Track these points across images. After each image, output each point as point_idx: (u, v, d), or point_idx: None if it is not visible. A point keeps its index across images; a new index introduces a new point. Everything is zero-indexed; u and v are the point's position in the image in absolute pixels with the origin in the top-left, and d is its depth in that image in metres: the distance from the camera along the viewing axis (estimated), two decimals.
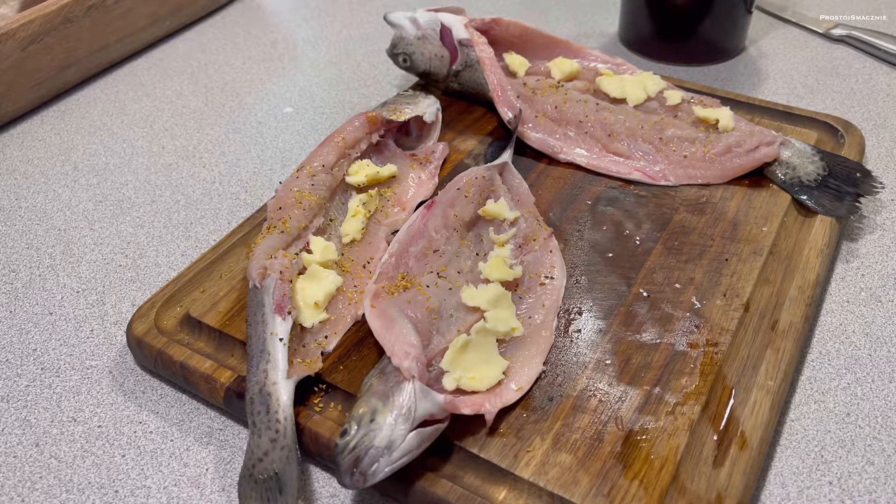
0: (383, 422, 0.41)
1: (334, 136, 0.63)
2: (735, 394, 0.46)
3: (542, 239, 0.56)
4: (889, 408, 0.48)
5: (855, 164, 0.62)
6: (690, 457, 0.43)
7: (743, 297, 0.52)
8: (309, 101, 0.81)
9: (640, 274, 0.55)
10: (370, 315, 0.48)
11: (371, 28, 0.95)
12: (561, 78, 0.71)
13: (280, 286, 0.49)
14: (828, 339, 0.53)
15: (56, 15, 0.78)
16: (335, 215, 0.60)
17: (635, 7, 0.83)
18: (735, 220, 0.59)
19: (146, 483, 0.46)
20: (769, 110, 0.70)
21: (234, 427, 0.49)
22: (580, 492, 0.42)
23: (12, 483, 0.47)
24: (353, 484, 0.40)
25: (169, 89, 0.85)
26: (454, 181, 0.59)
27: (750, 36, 0.86)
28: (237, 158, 0.74)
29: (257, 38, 0.94)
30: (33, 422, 0.50)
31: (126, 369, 0.54)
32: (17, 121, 0.80)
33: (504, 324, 0.49)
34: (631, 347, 0.49)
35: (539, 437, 0.44)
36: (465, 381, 0.45)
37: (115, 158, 0.74)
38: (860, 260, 0.58)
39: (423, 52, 0.73)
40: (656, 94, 0.68)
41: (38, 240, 0.65)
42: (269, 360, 0.46)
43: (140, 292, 0.59)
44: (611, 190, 0.63)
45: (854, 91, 0.78)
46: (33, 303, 0.59)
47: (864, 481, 0.44)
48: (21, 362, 0.54)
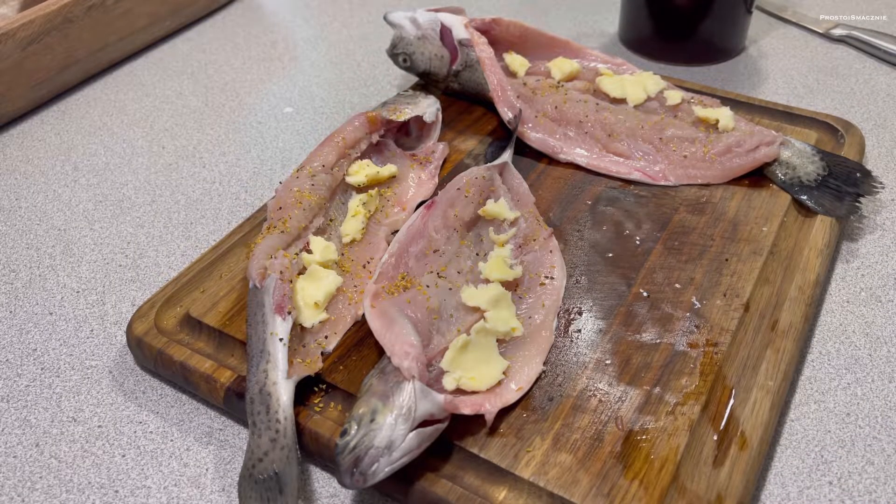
0: (383, 422, 0.41)
1: (334, 136, 0.63)
2: (735, 394, 0.46)
3: (542, 239, 0.56)
4: (889, 408, 0.48)
5: (855, 164, 0.62)
6: (690, 457, 0.43)
7: (743, 297, 0.52)
8: (309, 101, 0.81)
9: (640, 274, 0.55)
10: (370, 315, 0.48)
11: (371, 28, 0.95)
12: (561, 78, 0.71)
13: (280, 286, 0.49)
14: (828, 339, 0.53)
15: (56, 15, 0.78)
16: (335, 215, 0.60)
17: (635, 7, 0.83)
18: (735, 220, 0.59)
19: (146, 483, 0.46)
20: (769, 110, 0.70)
21: (234, 427, 0.49)
22: (580, 492, 0.42)
23: (12, 483, 0.47)
24: (353, 484, 0.40)
25: (169, 89, 0.85)
26: (454, 181, 0.59)
27: (750, 36, 0.86)
28: (237, 158, 0.74)
29: (257, 38, 0.94)
30: (33, 422, 0.50)
31: (126, 369, 0.54)
32: (17, 121, 0.80)
33: (504, 324, 0.49)
34: (631, 347, 0.49)
35: (539, 437, 0.44)
36: (465, 381, 0.45)
37: (115, 158, 0.74)
38: (860, 260, 0.58)
39: (423, 52, 0.73)
40: (656, 94, 0.68)
41: (38, 240, 0.65)
42: (270, 361, 0.46)
43: (140, 292, 0.59)
44: (611, 190, 0.63)
45: (854, 91, 0.78)
46: (33, 303, 0.59)
47: (864, 481, 0.44)
48: (21, 362, 0.54)
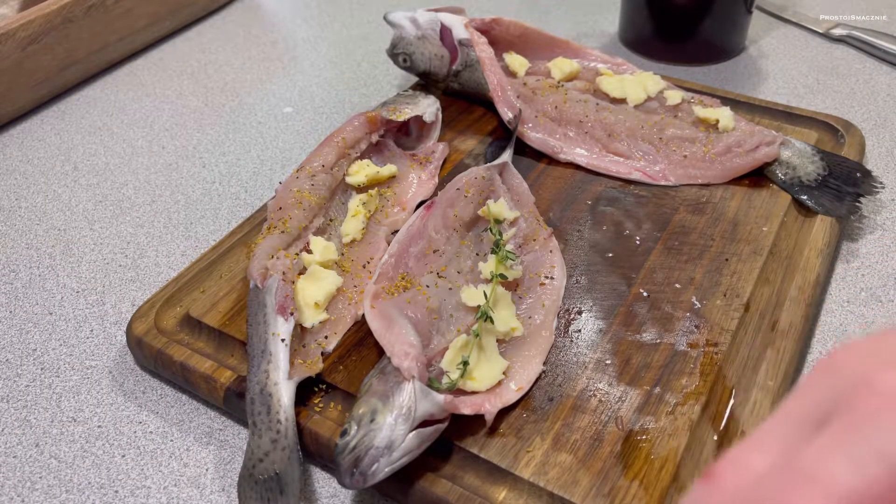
0: (383, 422, 0.41)
1: (334, 136, 0.63)
2: (735, 394, 0.46)
3: (542, 239, 0.56)
4: None
5: (855, 164, 0.62)
6: (690, 457, 0.43)
7: (743, 297, 0.52)
8: (309, 101, 0.81)
9: (640, 274, 0.55)
10: (370, 315, 0.48)
11: (371, 28, 0.95)
12: (561, 78, 0.71)
13: (282, 287, 0.49)
14: (828, 339, 0.53)
15: (56, 15, 0.78)
16: (335, 215, 0.60)
17: (635, 7, 0.83)
18: (735, 220, 0.59)
19: (146, 483, 0.46)
20: (769, 110, 0.70)
21: (234, 427, 0.49)
22: (580, 492, 0.42)
23: (12, 483, 0.47)
24: (353, 484, 0.40)
25: (169, 89, 0.85)
26: (454, 181, 0.59)
27: (750, 36, 0.86)
28: (237, 158, 0.74)
29: (257, 38, 0.94)
30: (33, 422, 0.50)
31: (126, 369, 0.54)
32: (17, 121, 0.80)
33: (504, 324, 0.49)
34: (631, 347, 0.49)
35: (539, 437, 0.44)
36: (465, 381, 0.45)
37: (115, 158, 0.74)
38: (860, 260, 0.58)
39: (423, 52, 0.73)
40: (656, 94, 0.68)
41: (38, 240, 0.65)
42: (271, 361, 0.46)
43: (140, 292, 0.59)
44: (611, 190, 0.63)
45: (854, 91, 0.78)
46: (33, 303, 0.59)
47: None
48: (21, 362, 0.54)
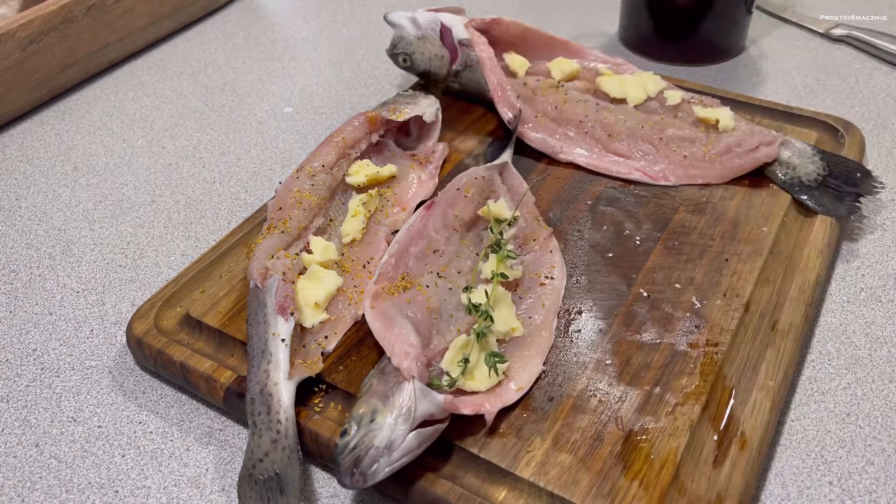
0: (383, 422, 0.41)
1: (334, 136, 0.63)
2: (735, 394, 0.46)
3: (542, 239, 0.56)
4: (889, 408, 0.48)
5: (855, 164, 0.62)
6: (690, 457, 0.43)
7: (743, 297, 0.52)
8: (309, 101, 0.81)
9: (640, 274, 0.55)
10: (370, 316, 0.48)
11: (371, 28, 0.95)
12: (561, 78, 0.71)
13: (283, 287, 0.49)
14: (828, 339, 0.53)
15: (56, 15, 0.78)
16: (335, 215, 0.60)
17: (635, 7, 0.83)
18: (735, 220, 0.59)
19: (146, 483, 0.46)
20: (769, 110, 0.70)
21: (234, 427, 0.49)
22: (580, 492, 0.42)
23: (12, 483, 0.47)
24: (353, 484, 0.40)
25: (169, 89, 0.85)
26: (454, 181, 0.59)
27: (750, 36, 0.86)
28: (237, 158, 0.74)
29: (257, 38, 0.94)
30: (33, 422, 0.50)
31: (126, 369, 0.54)
32: (17, 121, 0.80)
33: (504, 324, 0.49)
34: (631, 347, 0.49)
35: (539, 437, 0.44)
36: (465, 381, 0.45)
37: (115, 158, 0.74)
38: (860, 260, 0.58)
39: (423, 52, 0.73)
40: (656, 94, 0.68)
41: (38, 240, 0.65)
42: (271, 361, 0.46)
43: (140, 292, 0.59)
44: (611, 190, 0.63)
45: (854, 91, 0.78)
46: (33, 303, 0.59)
47: (864, 481, 0.44)
48: (21, 362, 0.54)
